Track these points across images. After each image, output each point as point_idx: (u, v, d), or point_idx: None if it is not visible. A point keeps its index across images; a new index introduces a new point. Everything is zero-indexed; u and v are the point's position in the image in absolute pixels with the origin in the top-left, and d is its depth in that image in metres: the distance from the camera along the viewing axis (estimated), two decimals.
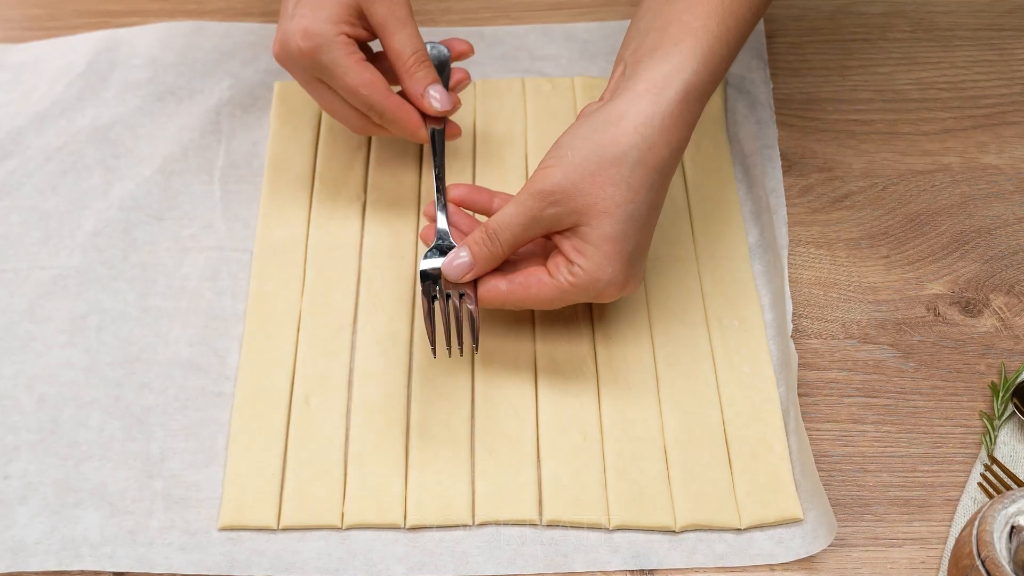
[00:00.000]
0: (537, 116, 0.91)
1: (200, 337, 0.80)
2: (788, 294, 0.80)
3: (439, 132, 0.81)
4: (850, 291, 0.82)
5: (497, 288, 0.73)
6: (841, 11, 0.98)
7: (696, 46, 0.73)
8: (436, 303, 0.74)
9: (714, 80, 0.74)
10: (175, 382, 0.78)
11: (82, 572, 0.70)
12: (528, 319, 0.80)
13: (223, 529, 0.71)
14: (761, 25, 0.95)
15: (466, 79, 0.84)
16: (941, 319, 0.81)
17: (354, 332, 0.80)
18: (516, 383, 0.77)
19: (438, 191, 0.79)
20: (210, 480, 0.74)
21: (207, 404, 0.77)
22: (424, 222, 0.83)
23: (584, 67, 0.94)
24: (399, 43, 0.78)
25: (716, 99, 0.91)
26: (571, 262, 0.72)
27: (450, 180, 0.87)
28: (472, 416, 0.76)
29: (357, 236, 0.84)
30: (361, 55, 0.78)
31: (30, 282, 0.82)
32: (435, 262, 0.74)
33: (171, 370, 0.78)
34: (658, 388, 0.77)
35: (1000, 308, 0.81)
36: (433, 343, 0.74)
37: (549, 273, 0.73)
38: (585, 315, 0.80)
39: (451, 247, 0.75)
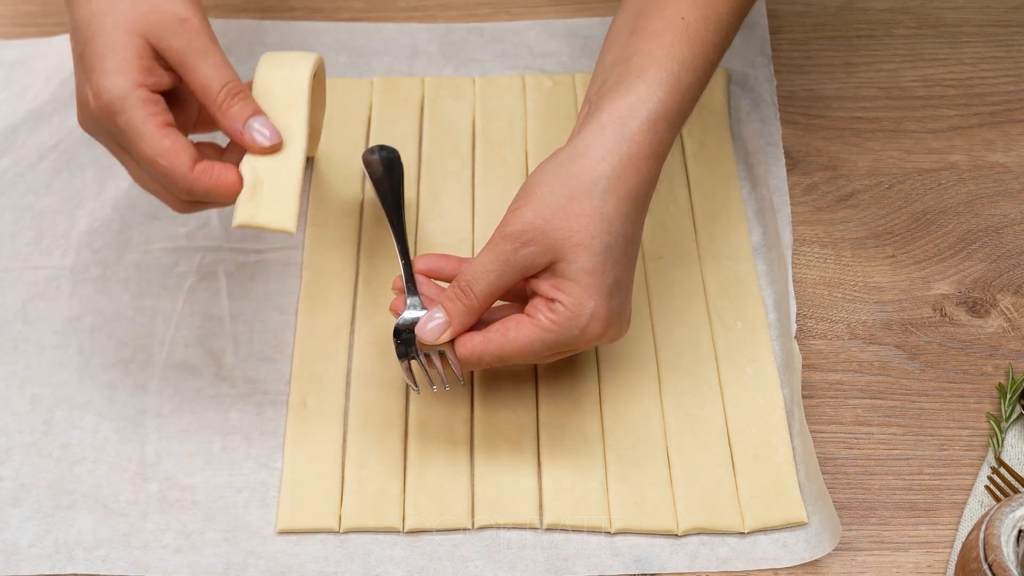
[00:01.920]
0: (538, 114, 0.91)
1: (196, 338, 0.80)
2: (792, 294, 0.80)
3: (396, 215, 0.79)
4: (855, 291, 0.82)
5: (473, 341, 0.70)
6: (846, 7, 0.98)
7: (661, 74, 0.71)
8: (413, 362, 0.72)
9: (682, 108, 0.73)
10: (170, 383, 0.78)
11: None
12: None
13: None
14: (765, 21, 0.95)
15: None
16: (947, 320, 0.81)
17: (352, 333, 0.80)
18: (516, 385, 0.77)
19: (404, 262, 0.75)
20: (206, 483, 0.74)
21: (203, 406, 0.77)
22: None
23: (586, 64, 0.94)
24: (204, 77, 0.68)
25: (719, 96, 0.91)
26: (550, 300, 0.69)
27: (449, 181, 0.87)
28: (471, 418, 0.76)
29: (355, 234, 0.84)
30: (165, 116, 0.68)
31: (23, 282, 0.82)
32: (409, 320, 0.72)
33: (166, 371, 0.78)
34: (660, 389, 0.77)
35: (1007, 308, 0.81)
36: (415, 383, 0.73)
37: (528, 316, 0.70)
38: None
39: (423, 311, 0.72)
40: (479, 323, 0.71)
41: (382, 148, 0.84)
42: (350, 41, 0.96)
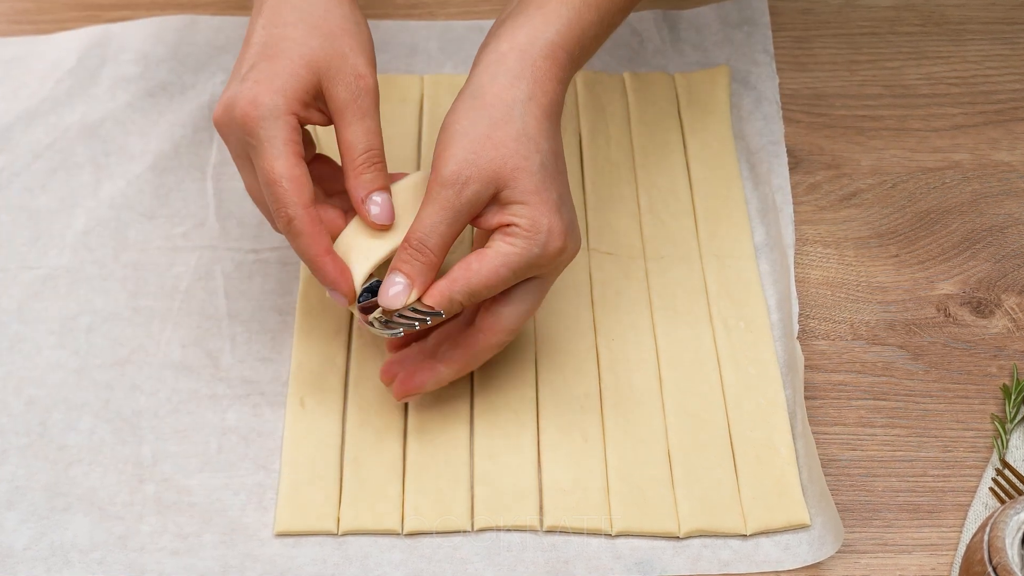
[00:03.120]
0: None
1: (193, 338, 0.80)
2: (795, 294, 0.80)
3: None
4: (858, 291, 0.82)
5: (438, 287, 0.69)
6: (849, 4, 0.98)
7: (560, 8, 0.72)
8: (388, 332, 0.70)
9: (583, 44, 0.73)
10: (167, 384, 0.78)
11: None
12: (529, 320, 0.80)
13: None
14: (767, 19, 0.95)
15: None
16: (952, 320, 0.81)
17: (350, 333, 0.80)
18: (516, 386, 0.77)
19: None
20: (203, 484, 0.74)
21: (200, 407, 0.77)
22: None
23: None
24: (353, 135, 0.71)
25: (721, 94, 0.91)
26: (505, 226, 0.69)
27: None
28: (471, 419, 0.76)
29: None
30: (300, 148, 0.70)
31: (19, 282, 0.82)
32: (372, 300, 0.70)
33: (163, 372, 0.78)
34: (661, 390, 0.77)
35: (1012, 308, 0.81)
36: (398, 330, 0.70)
37: (488, 247, 0.69)
38: (587, 315, 0.80)
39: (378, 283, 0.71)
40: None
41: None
42: None
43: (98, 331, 0.80)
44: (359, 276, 0.71)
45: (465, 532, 0.72)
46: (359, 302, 0.71)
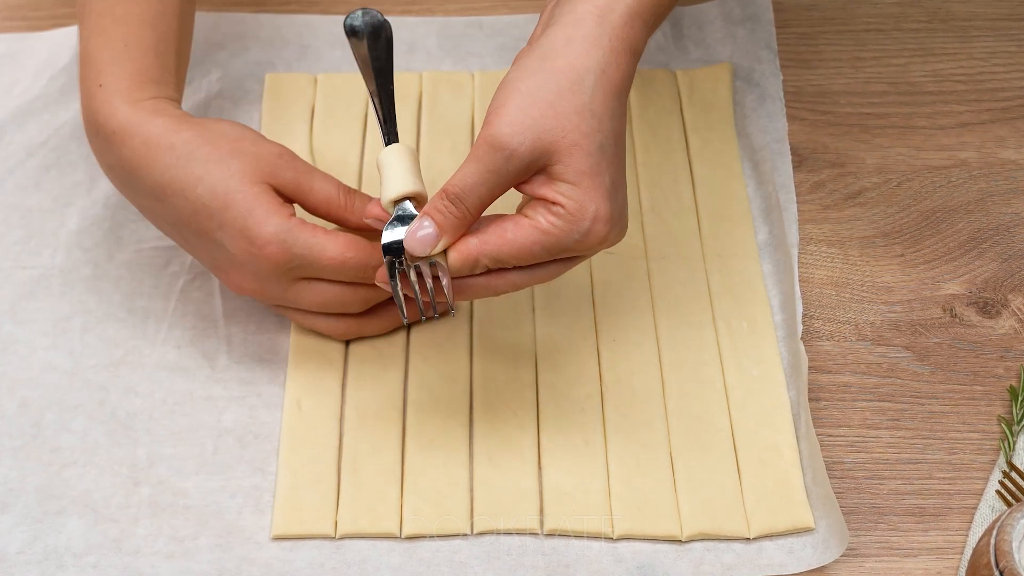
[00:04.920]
0: None
1: (188, 339, 0.80)
2: (799, 294, 0.80)
3: (384, 91, 0.75)
4: (863, 291, 0.82)
5: (467, 245, 0.67)
6: (854, 0, 0.98)
7: None
8: (402, 278, 0.70)
9: (657, 12, 0.70)
10: (162, 385, 0.78)
11: None
12: (529, 319, 0.80)
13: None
14: (771, 15, 0.95)
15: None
16: (958, 320, 0.81)
17: None
18: (516, 386, 0.77)
19: (388, 138, 0.73)
20: (199, 487, 0.74)
21: (196, 408, 0.77)
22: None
23: None
24: (322, 191, 0.74)
25: (724, 92, 0.91)
26: (550, 202, 0.66)
27: (447, 178, 0.87)
28: (470, 421, 0.76)
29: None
30: (314, 225, 0.73)
31: (12, 282, 0.82)
32: (397, 234, 0.68)
33: (158, 373, 0.78)
34: (663, 392, 0.77)
35: (1019, 309, 0.81)
36: (403, 309, 0.71)
37: (527, 217, 0.67)
38: (588, 315, 0.80)
39: (412, 216, 0.69)
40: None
41: (365, 12, 0.78)
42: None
43: (92, 332, 0.80)
44: (393, 192, 0.70)
45: (464, 535, 0.72)
46: (386, 229, 0.69)
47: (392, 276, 0.69)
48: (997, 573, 0.63)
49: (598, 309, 0.81)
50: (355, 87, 0.92)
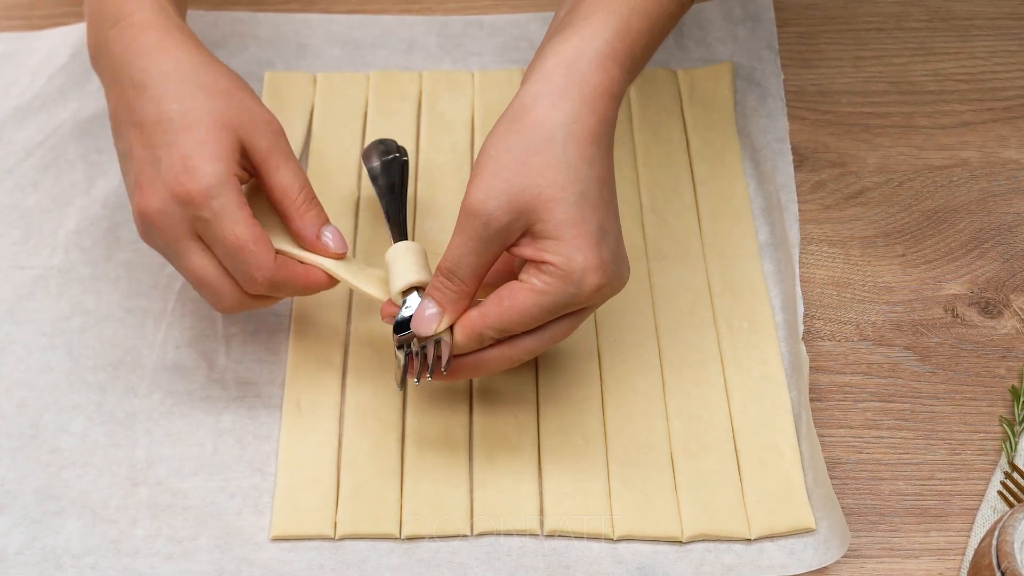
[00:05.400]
0: None
1: (187, 339, 0.80)
2: (800, 294, 0.80)
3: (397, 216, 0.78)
4: (864, 291, 0.82)
5: (470, 319, 0.68)
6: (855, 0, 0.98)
7: (608, 17, 0.69)
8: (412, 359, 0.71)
9: (633, 54, 0.70)
10: (161, 386, 0.78)
11: None
12: None
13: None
14: (771, 14, 0.95)
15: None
16: (959, 320, 0.81)
17: (347, 334, 0.80)
18: (516, 387, 0.77)
19: (397, 238, 0.75)
20: (198, 488, 0.74)
21: (194, 409, 0.77)
22: None
23: None
24: (285, 179, 0.72)
25: (725, 91, 0.91)
26: (539, 263, 0.67)
27: (447, 178, 0.87)
28: (470, 421, 0.76)
29: (351, 232, 0.84)
30: (249, 209, 0.71)
31: (10, 282, 0.82)
32: (406, 314, 0.70)
33: (157, 373, 0.78)
34: (664, 392, 0.77)
35: (1021, 309, 0.81)
36: (401, 382, 0.72)
37: (521, 282, 0.68)
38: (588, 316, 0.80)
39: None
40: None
41: (381, 142, 0.82)
42: (345, 34, 0.96)
43: (91, 332, 0.80)
44: (400, 284, 0.71)
45: (464, 536, 0.72)
46: (397, 318, 0.70)
47: (400, 347, 0.70)
48: (999, 574, 0.63)
49: (598, 309, 0.80)
50: (354, 87, 0.92)
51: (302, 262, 0.73)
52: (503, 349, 0.70)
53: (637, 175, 0.87)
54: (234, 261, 0.70)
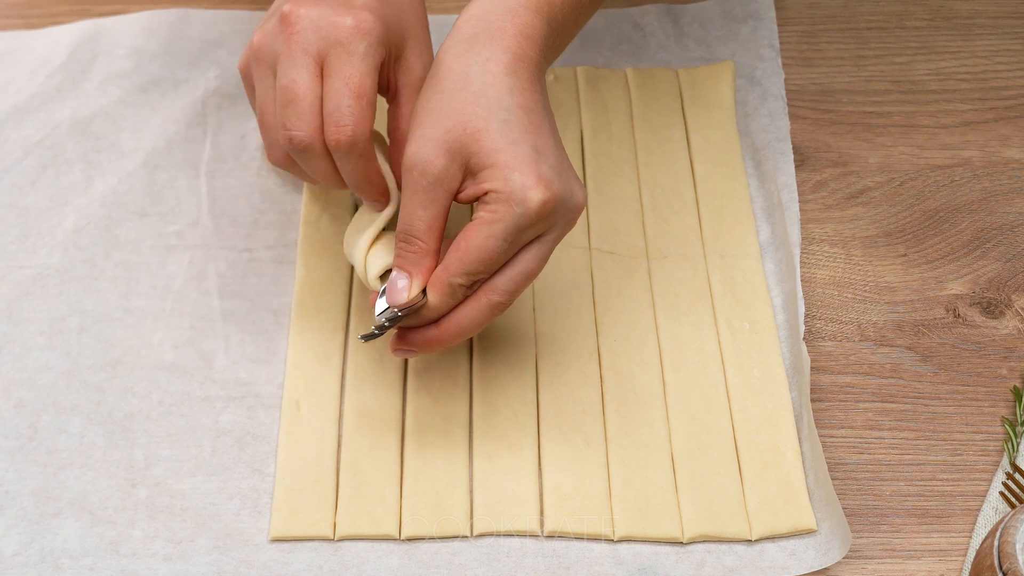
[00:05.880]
0: None
1: (186, 339, 0.80)
2: (801, 294, 0.80)
3: None
4: (866, 291, 0.82)
5: (435, 276, 0.68)
6: None
7: None
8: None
9: (549, 19, 0.70)
10: (159, 386, 0.78)
11: None
12: (529, 319, 0.80)
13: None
14: (772, 13, 0.95)
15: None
16: (961, 320, 0.81)
17: (347, 334, 0.80)
18: (516, 387, 0.77)
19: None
20: (196, 489, 0.74)
21: (193, 409, 0.77)
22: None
23: (587, 56, 0.94)
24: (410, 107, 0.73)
25: (725, 90, 0.91)
26: (482, 195, 0.67)
27: None
28: (470, 422, 0.76)
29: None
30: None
31: (8, 282, 0.82)
32: (385, 305, 0.70)
33: (155, 374, 0.78)
34: (664, 393, 0.77)
35: (1023, 309, 0.81)
36: (369, 336, 0.70)
37: (472, 221, 0.67)
38: (589, 315, 0.80)
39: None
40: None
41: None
42: None
43: (89, 332, 0.80)
44: (373, 271, 0.71)
45: (464, 537, 0.72)
46: (377, 303, 0.70)
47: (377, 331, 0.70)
48: (1001, 575, 0.63)
49: (599, 309, 0.81)
50: None
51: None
52: (480, 297, 0.69)
53: (637, 175, 0.87)
54: (339, 101, 0.68)
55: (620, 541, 0.72)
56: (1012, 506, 0.72)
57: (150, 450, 0.75)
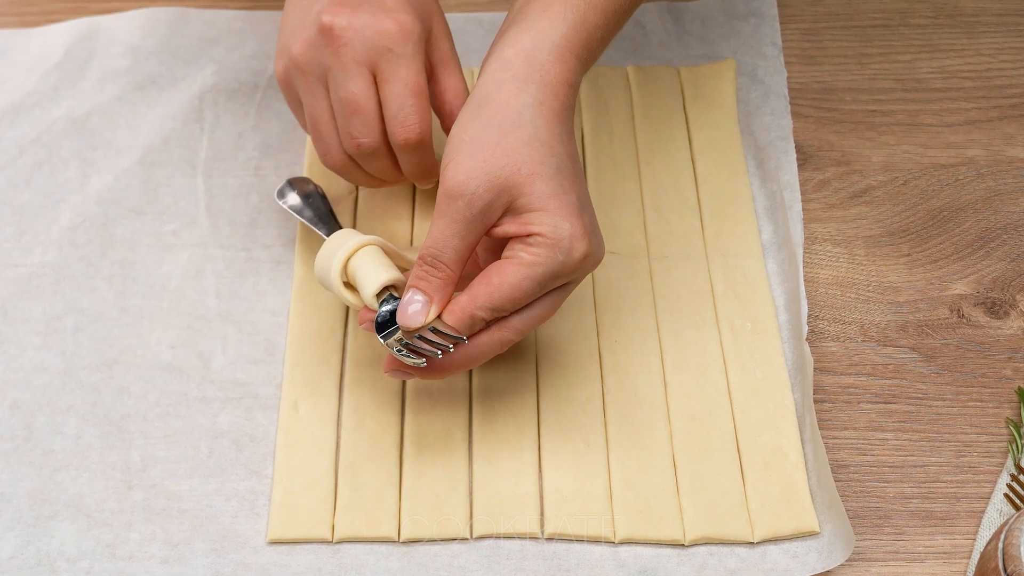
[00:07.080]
0: None
1: (182, 339, 0.80)
2: (803, 294, 0.80)
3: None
4: (869, 291, 0.82)
5: (459, 303, 0.68)
6: None
7: (565, 12, 0.71)
8: (409, 351, 0.69)
9: (589, 46, 0.72)
10: (156, 386, 0.78)
11: None
12: None
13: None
14: (775, 11, 0.95)
15: None
16: (965, 321, 0.81)
17: (345, 335, 0.80)
18: (516, 388, 0.77)
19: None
20: (193, 490, 0.74)
21: (190, 410, 0.77)
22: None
23: None
24: (459, 81, 0.77)
25: (728, 89, 0.91)
26: (525, 236, 0.67)
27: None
28: (470, 423, 0.76)
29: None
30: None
31: (3, 280, 0.82)
32: (388, 312, 0.70)
33: (152, 374, 0.78)
34: (666, 393, 0.77)
35: None
36: (417, 359, 0.69)
37: (507, 259, 0.68)
38: (590, 315, 0.80)
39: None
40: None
41: (292, 185, 0.82)
42: None
43: (85, 331, 0.80)
44: (372, 287, 0.71)
45: (464, 539, 0.72)
46: (377, 320, 0.70)
47: (397, 350, 0.69)
48: None
49: (599, 309, 0.80)
50: None
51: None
52: (493, 332, 0.69)
53: (639, 174, 0.87)
54: (402, 103, 0.73)
55: (621, 543, 0.72)
56: (1017, 508, 0.72)
57: (147, 451, 0.75)
